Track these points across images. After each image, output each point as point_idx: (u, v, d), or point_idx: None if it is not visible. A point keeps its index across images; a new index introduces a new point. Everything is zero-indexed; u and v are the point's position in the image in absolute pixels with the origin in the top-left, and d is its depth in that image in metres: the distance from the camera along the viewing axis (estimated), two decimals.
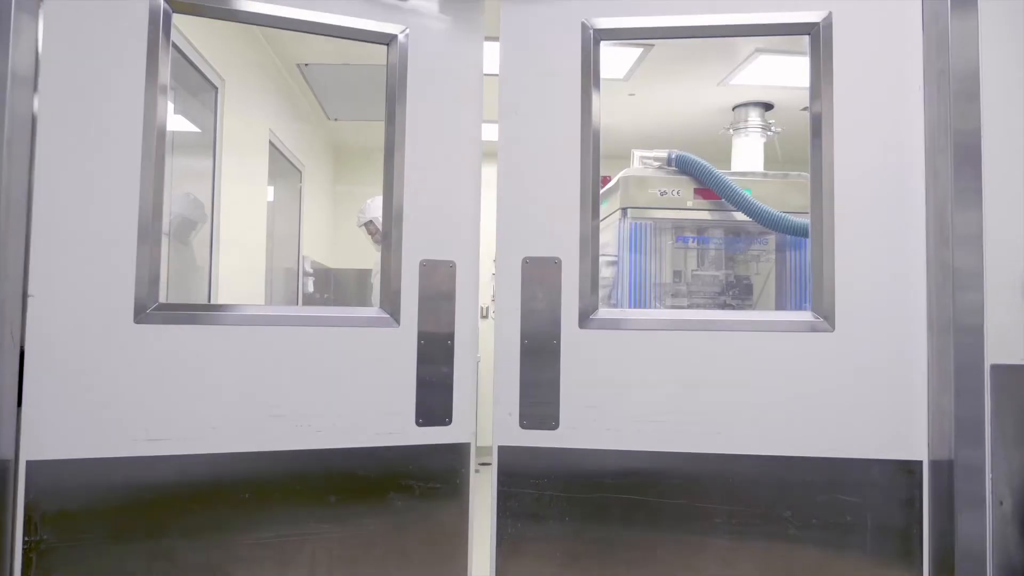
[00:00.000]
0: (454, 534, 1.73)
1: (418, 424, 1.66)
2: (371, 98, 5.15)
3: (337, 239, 6.14)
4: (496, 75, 1.80)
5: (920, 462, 1.59)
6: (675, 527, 1.69)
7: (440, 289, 1.72)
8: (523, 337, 1.69)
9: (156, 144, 1.63)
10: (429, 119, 1.73)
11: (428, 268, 1.69)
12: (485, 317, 6.28)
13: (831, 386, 1.70)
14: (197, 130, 3.22)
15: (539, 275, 1.69)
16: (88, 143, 1.57)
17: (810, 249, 1.80)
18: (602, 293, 5.03)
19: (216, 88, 3.07)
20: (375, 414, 1.65)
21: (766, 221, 3.97)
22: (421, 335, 1.68)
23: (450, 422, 1.70)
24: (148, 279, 1.61)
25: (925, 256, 1.65)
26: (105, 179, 1.59)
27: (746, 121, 4.77)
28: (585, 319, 1.68)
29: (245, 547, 1.62)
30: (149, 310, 1.61)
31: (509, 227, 1.75)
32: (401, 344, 1.67)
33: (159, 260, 1.63)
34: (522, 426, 1.67)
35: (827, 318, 1.72)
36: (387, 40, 1.77)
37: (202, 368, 1.63)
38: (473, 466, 1.75)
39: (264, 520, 1.62)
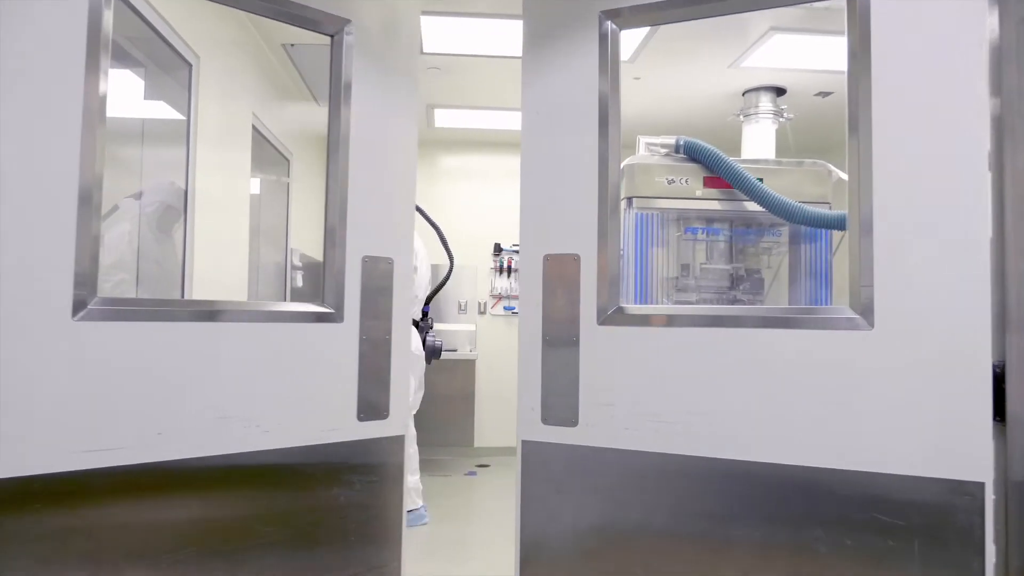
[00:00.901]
0: (390, 523, 1.78)
1: (359, 419, 1.68)
2: None
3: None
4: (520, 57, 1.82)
5: (982, 484, 1.37)
6: (693, 536, 1.60)
7: (380, 285, 1.73)
8: (545, 334, 1.69)
9: (96, 119, 1.43)
10: (371, 115, 1.75)
11: (370, 264, 1.70)
12: (483, 313, 6.10)
13: (869, 391, 1.49)
14: (176, 116, 3.00)
15: (559, 272, 1.67)
16: (17, 115, 1.35)
17: (848, 238, 1.57)
18: None
19: (190, 65, 2.85)
20: (321, 411, 1.65)
21: (781, 211, 3.75)
22: (363, 331, 1.69)
23: (388, 416, 1.73)
24: (88, 271, 1.43)
25: (991, 246, 1.41)
26: (38, 157, 1.38)
27: (757, 107, 4.54)
28: (603, 315, 1.62)
29: (194, 561, 1.52)
30: (89, 306, 1.43)
31: (531, 225, 1.77)
32: (345, 340, 1.67)
33: (98, 250, 1.45)
34: (544, 422, 1.72)
35: (865, 315, 1.50)
36: (332, 31, 1.79)
37: (147, 368, 1.49)
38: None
39: (215, 530, 1.55)
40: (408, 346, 1.79)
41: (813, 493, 1.50)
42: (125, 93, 2.96)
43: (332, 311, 1.67)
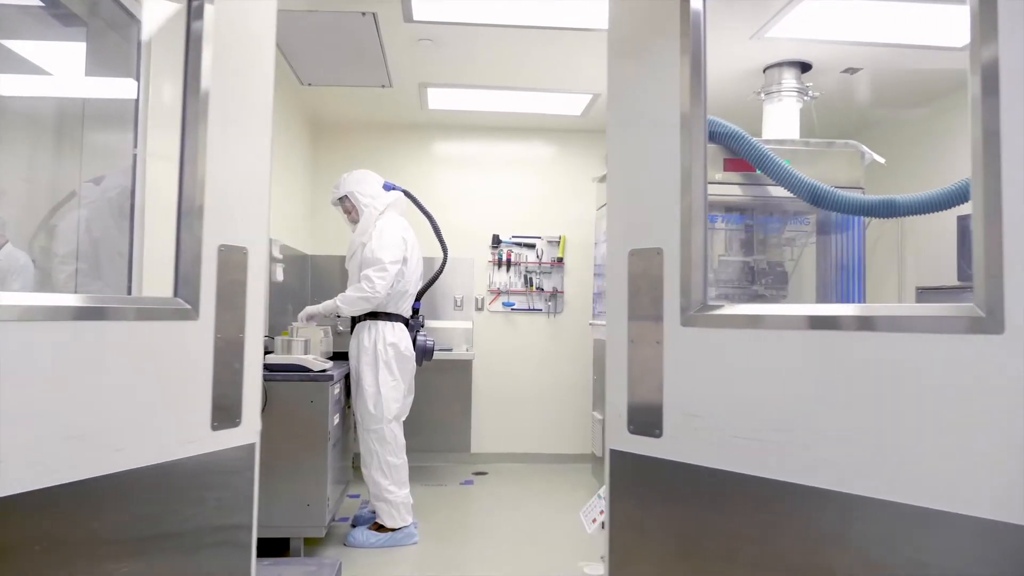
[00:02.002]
0: (241, 542, 1.63)
1: (213, 428, 1.53)
2: (351, 59, 4.54)
3: (315, 221, 5.52)
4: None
5: None
6: (781, 571, 1.37)
7: (235, 278, 1.57)
8: (630, 336, 1.59)
9: None
10: (227, 92, 1.58)
11: (226, 254, 1.54)
12: (480, 310, 5.73)
13: (1000, 411, 1.12)
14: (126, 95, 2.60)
15: (643, 268, 1.56)
16: None
17: (973, 227, 1.21)
18: (601, 284, 4.42)
19: (137, 22, 2.45)
20: (175, 421, 1.47)
21: (814, 197, 3.35)
22: (219, 328, 1.54)
23: (240, 422, 1.59)
24: None
25: None
26: None
27: (780, 84, 4.15)
28: (687, 315, 1.49)
29: None
30: None
31: (617, 218, 1.66)
32: (200, 339, 1.51)
33: None
34: (630, 430, 1.58)
35: (993, 314, 1.12)
36: None
37: None
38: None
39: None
40: (261, 345, 1.66)
41: (926, 543, 1.19)
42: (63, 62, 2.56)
43: (188, 307, 1.49)
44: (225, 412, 1.55)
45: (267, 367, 3.25)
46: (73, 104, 2.72)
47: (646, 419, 1.55)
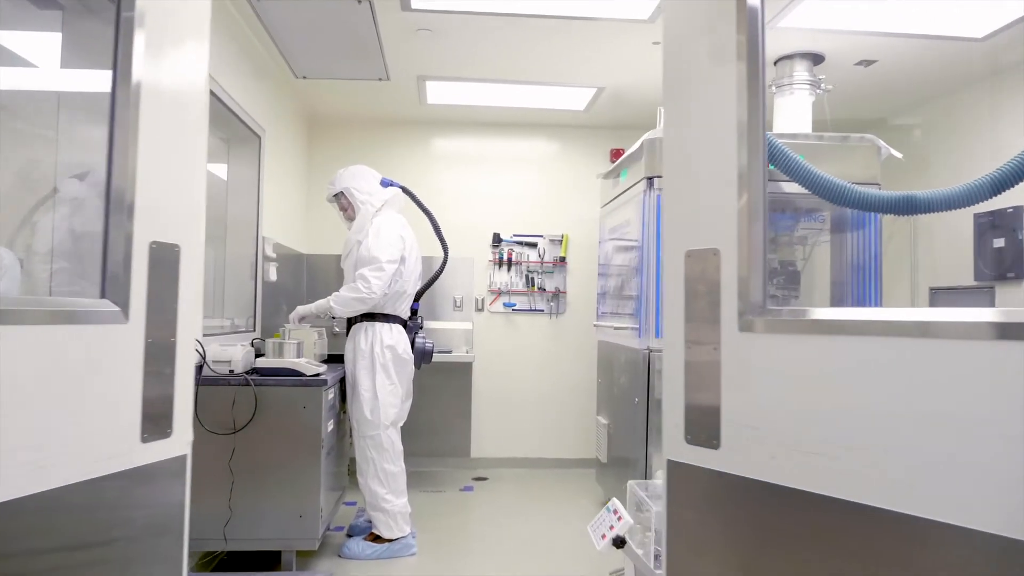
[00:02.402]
0: (173, 558, 1.55)
1: (143, 440, 1.42)
2: (346, 51, 4.39)
3: (311, 219, 5.37)
4: None
5: None
6: None
7: (167, 277, 1.47)
8: (687, 341, 1.52)
9: None
10: (159, 81, 1.48)
11: (158, 252, 1.44)
12: (480, 311, 5.58)
13: None
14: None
15: (700, 270, 1.49)
16: None
17: None
18: (613, 283, 4.28)
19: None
20: (103, 434, 1.36)
21: (831, 193, 3.20)
22: (149, 332, 1.43)
23: (171, 433, 1.50)
24: None
25: None
26: None
27: (791, 76, 4.00)
28: (745, 320, 1.41)
29: None
30: None
31: (673, 218, 1.60)
32: (130, 343, 1.40)
33: None
34: (687, 440, 1.52)
35: None
36: None
37: None
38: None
39: None
40: (193, 349, 1.59)
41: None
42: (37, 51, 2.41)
43: (116, 309, 1.37)
44: (155, 422, 1.46)
45: (257, 371, 3.10)
46: (49, 95, 2.56)
47: (703, 429, 1.48)
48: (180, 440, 1.54)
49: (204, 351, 2.92)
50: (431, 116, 5.36)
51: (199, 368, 2.98)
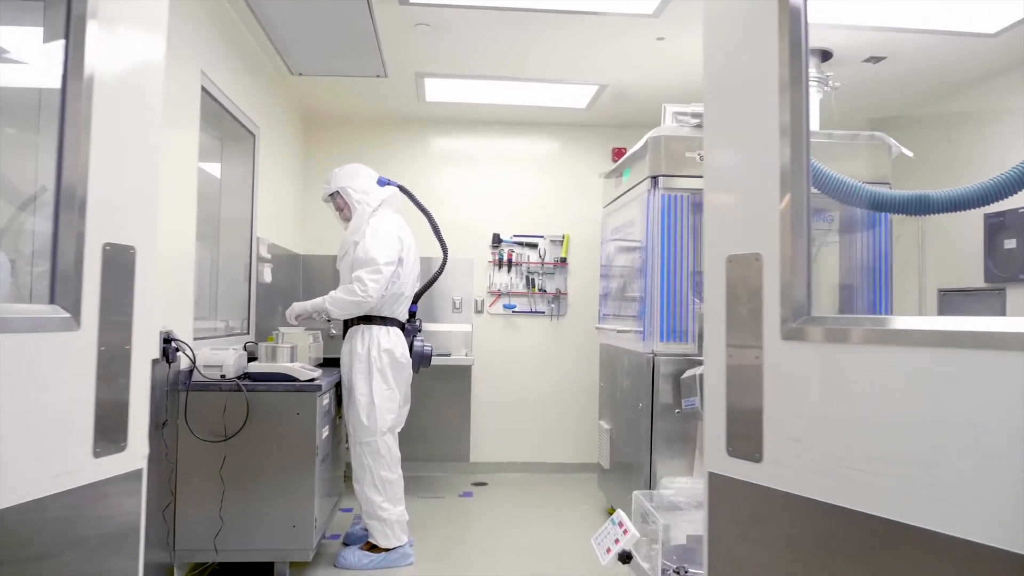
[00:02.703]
0: None
1: (95, 455, 1.34)
2: (343, 47, 4.29)
3: (307, 220, 5.27)
4: None
5: None
6: None
7: (122, 281, 1.40)
8: (728, 350, 1.47)
9: None
10: (114, 75, 1.39)
11: (112, 254, 1.36)
12: (480, 312, 5.48)
13: None
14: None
15: (741, 275, 1.44)
16: None
17: None
18: (615, 284, 4.19)
19: None
20: (52, 449, 1.28)
21: (841, 192, 3.11)
22: (103, 339, 1.35)
23: (125, 447, 1.42)
24: None
25: None
26: None
27: None
28: (788, 327, 1.35)
29: None
30: None
31: (714, 221, 1.56)
32: (82, 352, 1.32)
33: None
34: (729, 453, 1.47)
35: None
36: None
37: None
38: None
39: None
40: (149, 357, 1.51)
41: None
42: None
43: (67, 315, 1.29)
44: (109, 436, 1.37)
45: (250, 376, 3.00)
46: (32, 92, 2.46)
47: (746, 441, 1.43)
48: (135, 454, 1.46)
49: (194, 355, 2.83)
50: (430, 114, 5.27)
51: (189, 373, 2.88)
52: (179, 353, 2.76)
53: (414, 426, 3.95)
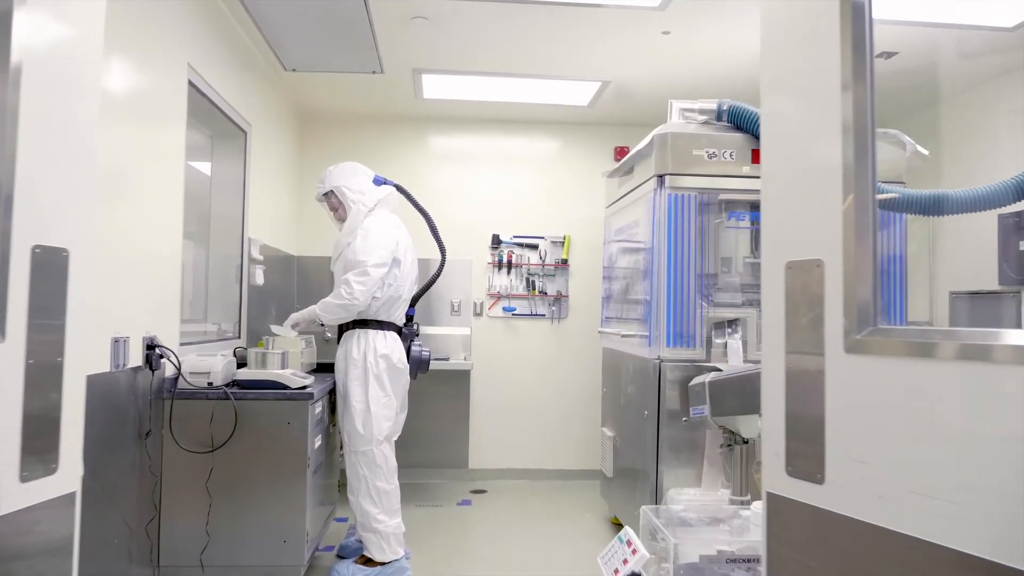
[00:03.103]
0: None
1: (23, 479, 1.23)
2: (338, 42, 4.16)
3: (303, 220, 5.14)
4: None
5: None
6: None
7: (53, 287, 1.29)
8: (788, 362, 1.40)
9: None
10: (44, 63, 1.29)
11: (42, 257, 1.27)
12: (479, 315, 5.35)
13: None
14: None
15: (802, 282, 1.36)
16: None
17: None
18: (618, 286, 4.06)
19: None
20: None
21: None
22: (31, 351, 1.24)
23: (56, 468, 1.32)
24: None
25: None
26: None
27: None
28: (852, 340, 1.26)
29: None
30: None
31: (772, 225, 1.49)
32: (8, 365, 1.20)
33: None
34: (788, 472, 1.38)
35: None
36: None
37: None
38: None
39: None
40: (82, 370, 1.40)
41: None
42: None
43: None
44: (38, 457, 1.27)
45: (238, 384, 2.87)
46: None
47: (806, 461, 1.34)
48: (68, 476, 1.35)
49: (179, 362, 2.69)
50: (428, 112, 5.14)
51: (174, 380, 2.75)
52: (164, 360, 2.63)
53: (411, 432, 3.82)
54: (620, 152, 5.21)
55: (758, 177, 3.32)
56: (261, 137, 4.09)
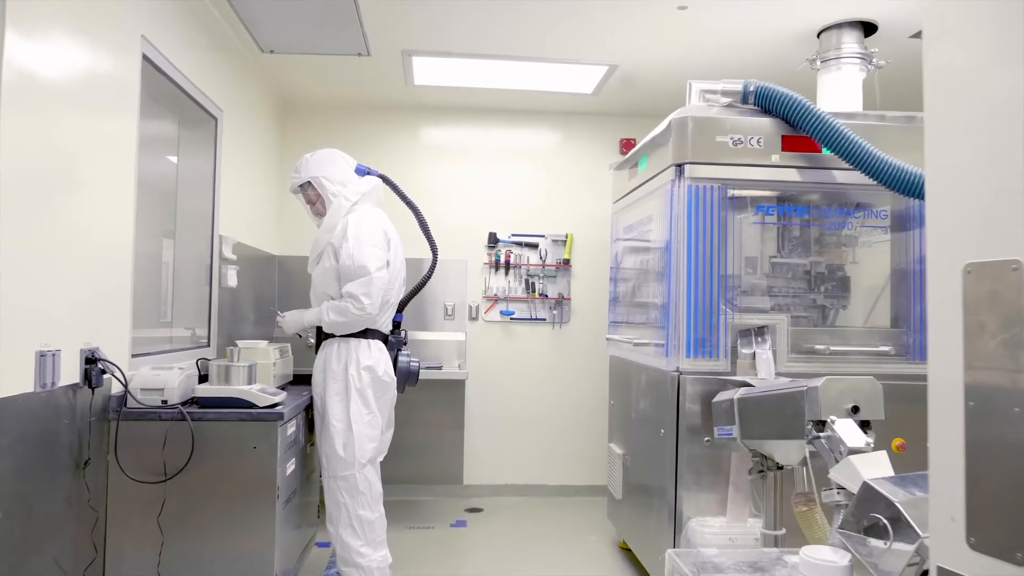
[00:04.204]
0: None
1: None
2: (319, 20, 3.76)
3: (284, 217, 4.76)
4: None
5: None
6: None
7: None
8: (968, 395, 1.05)
9: None
10: None
11: None
12: (475, 319, 4.98)
13: None
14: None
15: (988, 292, 1.04)
16: None
17: None
18: (628, 289, 3.69)
19: None
20: None
21: (907, 184, 2.63)
22: None
23: None
24: None
25: None
26: None
27: (839, 49, 3.43)
28: None
29: None
30: None
31: (943, 218, 1.17)
32: None
33: None
34: (970, 544, 1.04)
35: None
36: None
37: None
38: None
39: None
40: None
41: None
42: None
43: None
44: None
45: (196, 402, 2.50)
46: None
47: (996, 531, 1.02)
48: None
49: (126, 377, 2.31)
50: (419, 100, 4.77)
51: (121, 399, 2.38)
52: (107, 375, 2.25)
53: (401, 444, 3.46)
54: (626, 145, 4.86)
55: (789, 167, 2.95)
56: (235, 125, 3.71)
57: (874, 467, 1.86)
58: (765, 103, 2.93)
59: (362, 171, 3.07)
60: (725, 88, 2.99)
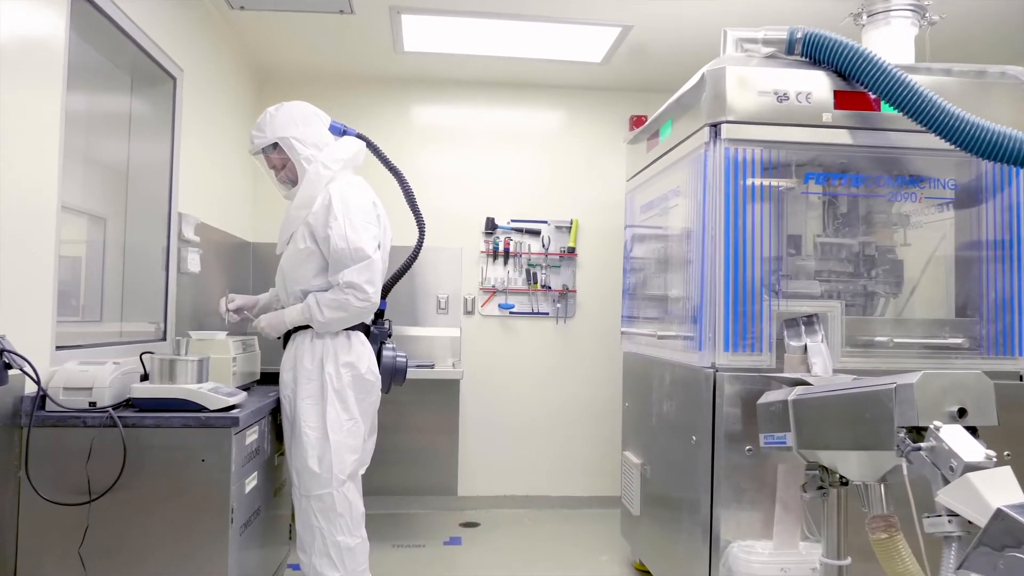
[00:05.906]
0: None
1: None
2: None
3: (259, 200, 4.31)
4: None
5: None
6: None
7: None
8: None
9: None
10: None
11: None
12: (471, 313, 4.55)
13: None
14: None
15: None
16: None
17: None
18: (646, 277, 3.25)
19: None
20: None
21: (1002, 151, 2.20)
22: None
23: None
24: None
25: None
26: None
27: (888, 1, 3.00)
28: None
29: None
30: None
31: None
32: None
33: None
34: None
35: None
36: None
37: None
38: None
39: None
40: None
41: None
42: None
43: None
44: None
45: (133, 404, 2.04)
46: None
47: None
48: None
49: (38, 373, 1.85)
50: (409, 71, 4.32)
51: (37, 400, 1.91)
52: (13, 371, 1.79)
53: (388, 452, 3.03)
54: (637, 122, 4.39)
55: (843, 127, 2.51)
56: (198, 91, 3.25)
57: (1000, 489, 1.43)
58: (815, 52, 2.50)
59: (337, 129, 2.61)
60: (767, 36, 2.56)
